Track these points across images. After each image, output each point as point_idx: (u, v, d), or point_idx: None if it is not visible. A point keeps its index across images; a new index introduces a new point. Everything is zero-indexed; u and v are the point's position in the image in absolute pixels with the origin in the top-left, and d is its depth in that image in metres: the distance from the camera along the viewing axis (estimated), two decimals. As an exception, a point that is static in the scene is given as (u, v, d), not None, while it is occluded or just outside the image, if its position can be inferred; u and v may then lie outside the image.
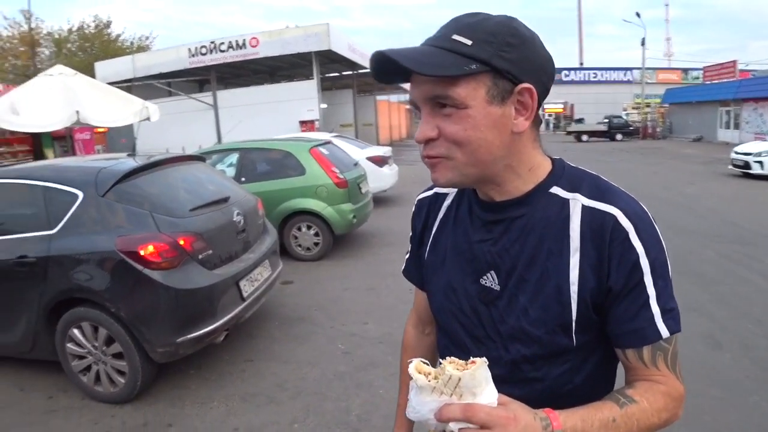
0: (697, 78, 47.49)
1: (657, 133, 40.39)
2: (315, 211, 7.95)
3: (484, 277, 1.15)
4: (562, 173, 1.14)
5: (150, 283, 3.83)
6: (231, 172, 8.28)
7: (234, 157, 8.64)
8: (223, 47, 23.25)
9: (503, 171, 1.09)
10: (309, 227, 8.12)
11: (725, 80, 36.69)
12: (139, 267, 3.81)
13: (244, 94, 24.63)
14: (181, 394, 4.21)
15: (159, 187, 4.44)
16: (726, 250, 7.72)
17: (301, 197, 8.01)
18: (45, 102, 9.31)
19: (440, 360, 0.90)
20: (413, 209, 1.41)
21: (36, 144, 15.45)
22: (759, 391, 3.89)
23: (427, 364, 0.91)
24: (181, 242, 4.00)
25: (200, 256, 4.14)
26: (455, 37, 0.99)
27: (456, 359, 0.89)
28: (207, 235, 4.27)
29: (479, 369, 0.86)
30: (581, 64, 58.16)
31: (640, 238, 1.03)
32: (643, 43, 41.47)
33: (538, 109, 1.05)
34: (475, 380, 0.86)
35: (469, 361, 0.88)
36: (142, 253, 3.81)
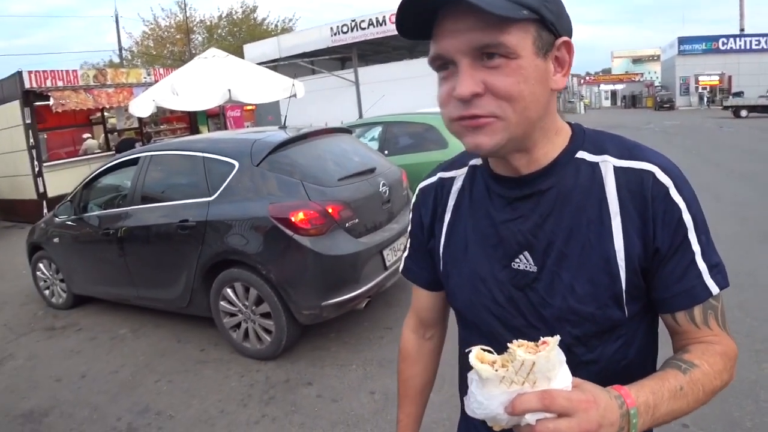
0: None
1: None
2: (456, 183, 7.87)
3: (517, 260, 1.05)
4: (583, 137, 1.05)
5: (299, 248, 4.02)
6: (374, 145, 8.38)
7: (377, 131, 8.75)
8: (364, 25, 23.57)
9: (538, 133, 0.99)
10: (451, 200, 8.07)
11: None
12: (290, 233, 4.01)
13: (383, 70, 24.85)
14: (322, 356, 4.41)
15: (309, 158, 4.63)
16: None
17: (443, 170, 7.95)
18: (200, 83, 9.98)
19: (508, 345, 0.79)
20: (414, 199, 1.27)
21: (192, 121, 16.55)
22: None
23: (491, 352, 0.80)
24: (330, 210, 4.15)
25: (347, 225, 4.28)
26: None
27: (525, 341, 0.79)
28: (354, 205, 4.40)
29: (553, 350, 0.76)
30: (742, 30, 52.87)
31: (680, 193, 0.97)
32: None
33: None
34: (550, 363, 0.76)
35: (540, 341, 0.78)
36: (292, 219, 4.00)
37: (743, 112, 34.57)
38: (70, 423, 3.80)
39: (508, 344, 0.79)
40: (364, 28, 23.66)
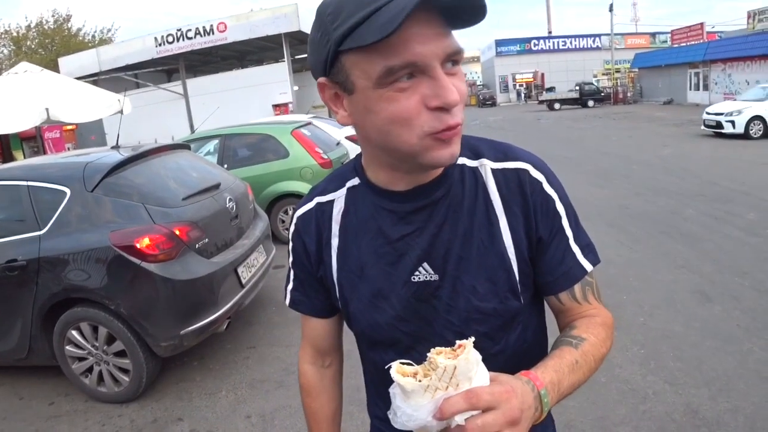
0: (665, 42, 47.61)
1: (628, 97, 40.67)
2: (301, 193, 7.83)
3: (416, 273, 1.06)
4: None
5: (149, 276, 3.74)
6: (212, 160, 8.14)
7: (213, 144, 8.52)
8: (191, 34, 22.91)
9: None
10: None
11: (693, 43, 36.91)
12: (137, 261, 3.71)
13: (214, 81, 24.33)
14: (188, 387, 4.15)
15: (148, 178, 4.33)
16: (707, 208, 7.83)
17: (286, 180, 7.92)
18: (11, 101, 9.00)
19: (427, 354, 0.81)
20: (293, 228, 1.22)
21: (4, 146, 15.02)
22: (751, 338, 4.02)
23: (409, 364, 0.82)
24: (177, 232, 3.91)
25: (197, 245, 4.06)
26: None
27: (442, 348, 0.81)
28: (202, 224, 4.19)
29: (470, 351, 0.79)
30: (550, 32, 58.21)
31: (551, 185, 1.07)
32: (611, 9, 41.72)
33: None
34: (469, 364, 0.78)
35: (456, 345, 0.81)
36: (138, 246, 3.71)
37: (556, 105, 38.13)
38: None
39: (428, 354, 0.81)
40: (190, 38, 23.00)
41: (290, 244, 1.24)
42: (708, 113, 16.97)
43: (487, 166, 1.07)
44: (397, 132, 0.89)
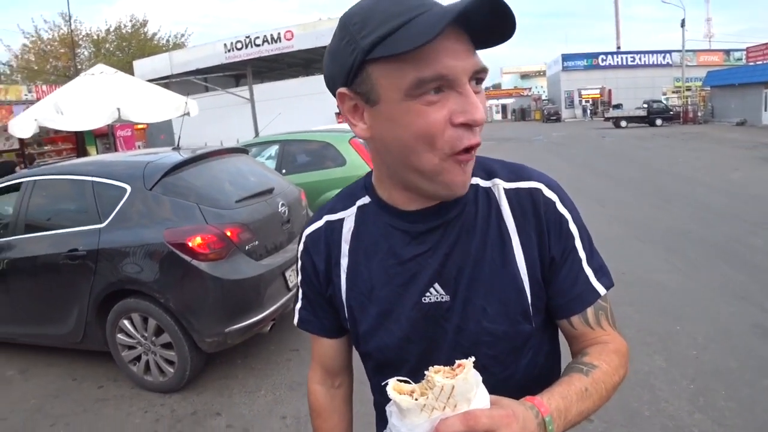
0: (740, 59, 45.94)
1: (698, 117, 39.27)
2: (356, 201, 7.90)
3: (427, 294, 1.05)
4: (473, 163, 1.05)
5: (198, 274, 3.88)
6: (271, 164, 8.29)
7: (274, 149, 8.68)
8: (258, 41, 23.43)
9: None
10: (351, 217, 8.09)
11: (770, 61, 35.47)
12: (188, 258, 3.87)
13: (279, 87, 24.76)
14: (229, 384, 4.28)
15: (205, 179, 4.50)
16: None
17: (342, 187, 7.95)
18: (87, 101, 9.52)
19: (425, 372, 0.79)
20: (302, 247, 1.20)
21: (79, 142, 15.78)
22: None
23: (407, 382, 0.80)
24: (228, 233, 4.05)
25: (247, 247, 4.19)
26: None
27: (441, 367, 0.80)
28: (253, 226, 4.31)
29: (470, 371, 0.77)
30: (618, 48, 56.91)
31: (564, 206, 1.06)
32: (683, 25, 40.42)
33: None
34: (468, 384, 0.77)
35: (456, 365, 0.79)
36: (190, 244, 3.87)
37: (623, 123, 37.11)
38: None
39: (425, 372, 0.79)
40: (258, 45, 23.51)
41: (299, 262, 1.22)
42: (783, 138, 16.21)
43: (500, 186, 1.06)
44: (421, 148, 0.89)
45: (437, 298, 1.05)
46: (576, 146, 23.81)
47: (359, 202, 1.14)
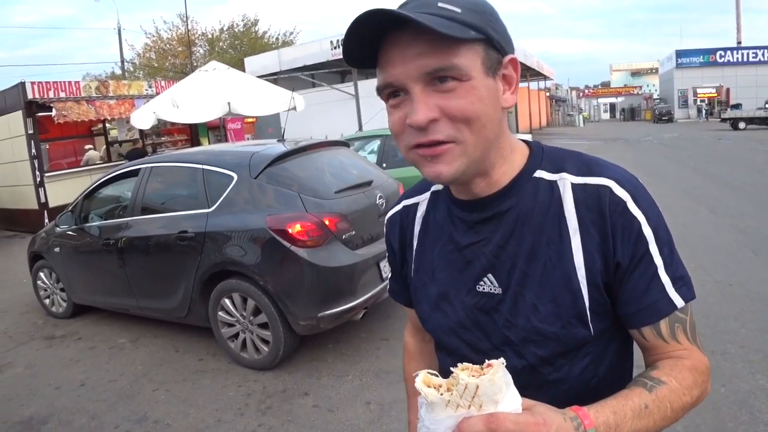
0: None
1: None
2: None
3: (481, 283, 1.05)
4: (542, 155, 1.05)
5: (296, 259, 4.07)
6: (372, 158, 8.46)
7: (376, 144, 8.85)
8: (364, 39, 23.69)
9: (494, 154, 0.99)
10: (446, 212, 8.12)
11: None
12: (287, 244, 4.06)
13: (383, 83, 24.96)
14: (318, 366, 4.45)
15: (306, 170, 4.69)
16: None
17: (441, 182, 8.00)
18: (201, 95, 10.08)
19: (451, 368, 0.78)
20: (384, 229, 1.30)
21: (193, 133, 16.66)
22: None
23: (436, 375, 0.78)
24: (327, 222, 4.21)
25: (344, 236, 4.34)
26: (441, 4, 0.88)
27: (469, 365, 0.78)
28: (351, 217, 4.45)
29: (498, 372, 0.74)
30: (739, 43, 52.84)
31: (638, 206, 0.96)
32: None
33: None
34: (495, 386, 0.74)
35: (485, 364, 0.77)
36: (290, 231, 4.06)
37: (741, 124, 34.57)
38: (68, 430, 3.84)
39: (452, 368, 0.78)
40: (363, 42, 23.74)
41: (386, 243, 1.31)
42: None
43: (567, 181, 1.00)
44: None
45: (490, 289, 1.04)
46: (688, 148, 22.58)
47: (434, 188, 1.18)
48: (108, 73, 39.41)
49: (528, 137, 9.59)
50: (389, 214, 1.28)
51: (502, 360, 0.76)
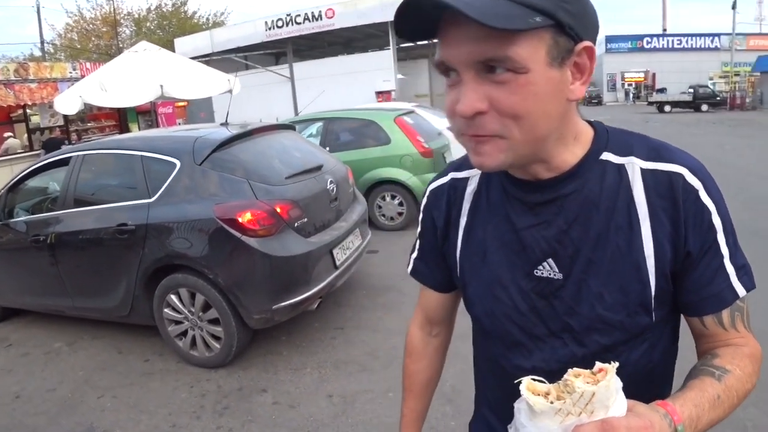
0: (793, 44, 44.40)
1: (746, 103, 38.12)
2: (400, 180, 7.87)
3: (540, 268, 1.01)
4: (607, 137, 1.00)
5: (247, 250, 3.85)
6: (314, 142, 8.28)
7: (316, 127, 8.66)
8: (299, 19, 23.38)
9: (552, 144, 0.93)
10: (393, 197, 8.08)
11: (825, 46, 34.25)
12: (237, 234, 3.84)
13: (319, 65, 24.75)
14: (274, 360, 4.26)
15: (254, 155, 4.46)
16: None
17: (386, 166, 7.94)
18: (131, 78, 9.62)
19: (565, 376, 0.76)
20: (425, 201, 1.21)
21: (122, 119, 16.03)
22: None
23: (542, 382, 0.77)
24: (278, 210, 4.01)
25: (296, 224, 4.15)
26: None
27: (581, 370, 0.76)
28: (302, 203, 4.27)
29: (612, 378, 0.74)
30: (664, 30, 55.10)
31: (709, 195, 0.94)
32: (734, 6, 38.99)
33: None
34: (609, 391, 0.73)
35: (597, 369, 0.76)
36: (240, 220, 3.84)
37: (667, 108, 36.09)
38: (4, 448, 3.52)
39: (565, 376, 0.76)
40: (299, 23, 23.49)
41: (421, 215, 1.24)
42: (838, 126, 15.66)
43: (635, 165, 0.96)
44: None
45: (550, 274, 1.00)
46: (618, 130, 23.31)
47: None
48: (26, 55, 37.35)
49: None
50: (434, 185, 1.20)
51: (615, 364, 0.75)
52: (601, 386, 0.72)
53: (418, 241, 1.27)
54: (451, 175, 1.17)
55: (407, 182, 7.87)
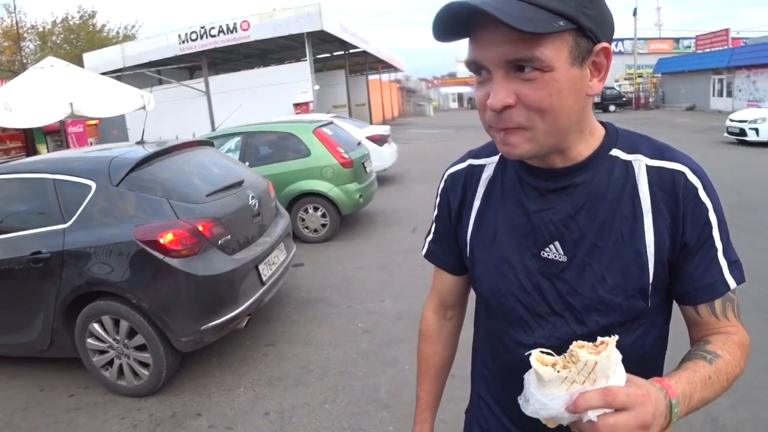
0: (689, 47, 46.91)
1: (650, 103, 40.32)
2: (322, 192, 7.89)
3: (546, 250, 1.10)
4: (617, 135, 1.10)
5: (171, 271, 3.75)
6: (233, 157, 8.17)
7: (235, 142, 8.54)
8: (214, 32, 22.94)
9: (572, 137, 1.03)
10: (316, 209, 8.07)
11: (717, 49, 36.55)
12: (160, 255, 3.73)
13: (236, 79, 24.36)
14: (207, 383, 4.16)
15: (173, 173, 4.35)
16: (730, 216, 7.20)
17: (307, 179, 7.94)
18: (38, 95, 9.10)
19: (570, 347, 0.85)
20: (442, 184, 1.31)
21: (28, 140, 15.23)
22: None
23: (550, 354, 0.85)
24: (200, 228, 3.92)
25: (219, 242, 4.07)
26: None
27: (584, 342, 0.84)
28: (225, 220, 4.19)
29: (613, 349, 0.81)
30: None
31: (707, 194, 1.04)
32: (634, 14, 41.33)
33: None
34: (610, 361, 0.81)
35: (599, 341, 0.83)
36: (161, 241, 3.73)
37: (612, 107, 37.51)
38: None
39: (570, 347, 0.84)
40: (214, 36, 23.06)
41: (437, 199, 1.32)
42: (731, 120, 16.82)
43: (642, 162, 1.06)
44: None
45: (555, 256, 1.09)
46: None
47: None
48: None
49: (386, 129, 9.67)
50: (453, 170, 1.29)
51: (615, 337, 0.83)
52: (602, 356, 0.80)
53: (433, 225, 1.35)
54: (469, 161, 1.27)
55: (329, 193, 7.89)
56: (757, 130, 15.51)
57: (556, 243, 1.09)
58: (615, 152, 1.08)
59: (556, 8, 0.88)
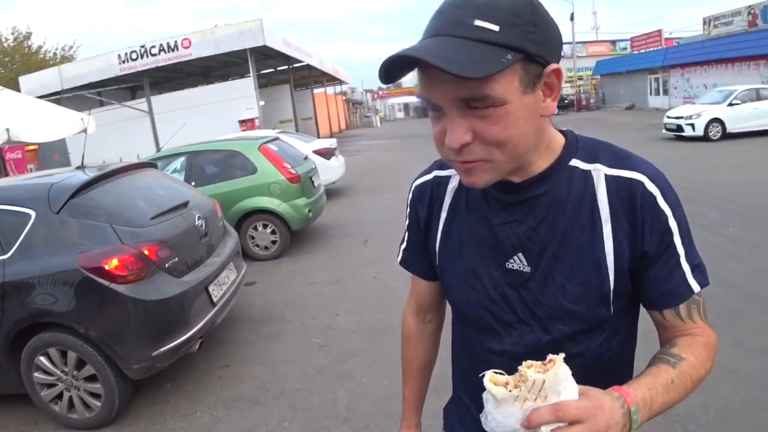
0: (625, 49, 48.32)
1: (591, 104, 41.46)
2: (270, 209, 7.84)
3: (511, 261, 1.12)
4: (576, 144, 1.11)
5: (118, 298, 3.68)
6: (179, 177, 8.05)
7: (180, 162, 8.42)
8: (155, 51, 22.56)
9: (530, 155, 1.03)
10: (265, 226, 8.01)
11: (652, 49, 37.83)
12: (105, 282, 3.65)
13: (179, 97, 23.99)
14: (162, 410, 4.08)
15: (115, 197, 4.27)
16: None
17: (255, 196, 7.88)
18: (-29, 122, 8.81)
19: (518, 367, 0.87)
20: (410, 196, 1.33)
21: (-36, 169, 14.73)
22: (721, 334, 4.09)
23: (502, 374, 0.88)
24: (146, 252, 3.85)
25: (167, 265, 4.01)
26: (478, 23, 0.86)
27: (533, 362, 0.87)
28: (171, 242, 4.14)
29: (560, 366, 0.84)
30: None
31: (666, 201, 1.04)
32: (572, 18, 42.44)
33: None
34: (558, 378, 0.83)
35: (547, 360, 0.86)
36: (106, 267, 3.65)
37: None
38: None
39: (519, 367, 0.86)
40: (154, 54, 22.66)
41: (407, 209, 1.35)
42: (669, 117, 17.61)
43: (600, 171, 1.07)
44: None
45: (519, 267, 1.11)
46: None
47: None
48: None
49: (333, 142, 9.64)
50: (419, 181, 1.31)
51: (562, 355, 0.86)
52: (549, 374, 0.83)
53: (406, 233, 1.38)
54: (435, 173, 1.28)
55: (278, 210, 7.85)
56: (693, 126, 16.29)
57: (520, 254, 1.11)
58: (574, 162, 1.08)
59: (502, 41, 0.86)
